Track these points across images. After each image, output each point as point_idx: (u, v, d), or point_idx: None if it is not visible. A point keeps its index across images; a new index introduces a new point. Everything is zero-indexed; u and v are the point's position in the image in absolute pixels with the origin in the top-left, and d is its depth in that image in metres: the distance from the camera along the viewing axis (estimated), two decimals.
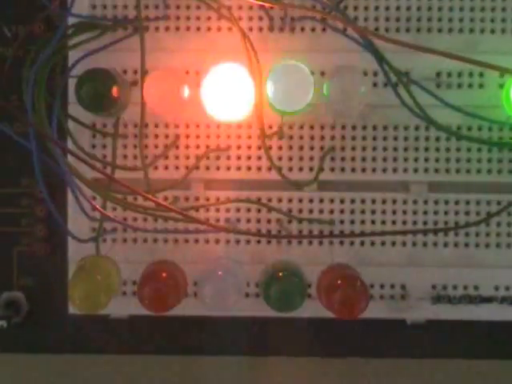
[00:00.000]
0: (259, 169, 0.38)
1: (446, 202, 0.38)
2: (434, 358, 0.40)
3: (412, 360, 0.40)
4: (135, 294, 0.37)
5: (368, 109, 0.37)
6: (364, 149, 0.38)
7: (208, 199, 0.38)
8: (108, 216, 0.37)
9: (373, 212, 0.38)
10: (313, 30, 0.38)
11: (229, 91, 0.35)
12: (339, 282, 0.34)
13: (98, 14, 0.38)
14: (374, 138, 0.38)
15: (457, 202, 0.38)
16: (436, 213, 0.38)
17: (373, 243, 0.38)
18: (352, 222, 0.38)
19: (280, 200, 0.38)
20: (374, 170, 0.38)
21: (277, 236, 0.38)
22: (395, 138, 0.38)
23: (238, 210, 0.38)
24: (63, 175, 0.35)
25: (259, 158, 0.38)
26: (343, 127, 0.38)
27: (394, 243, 0.38)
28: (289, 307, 0.35)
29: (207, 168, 0.38)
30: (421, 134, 0.38)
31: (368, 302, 0.34)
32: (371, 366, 0.40)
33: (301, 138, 0.38)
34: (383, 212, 0.38)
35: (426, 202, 0.38)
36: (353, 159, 0.38)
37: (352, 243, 0.38)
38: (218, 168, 0.38)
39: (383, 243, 0.38)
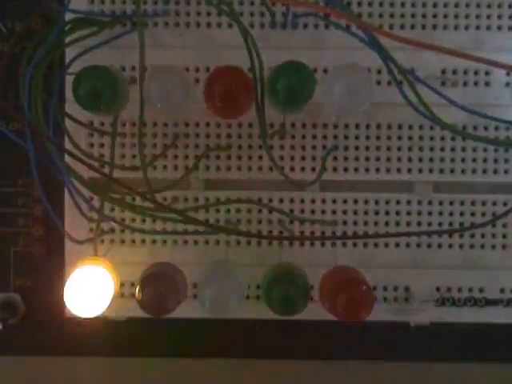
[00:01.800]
0: (260, 169, 0.38)
1: (451, 203, 0.38)
2: (437, 361, 0.39)
3: (416, 363, 0.40)
4: (133, 297, 0.37)
5: (371, 107, 0.36)
6: (367, 148, 0.38)
7: (208, 199, 0.38)
8: (106, 216, 0.36)
9: (376, 213, 0.38)
10: (315, 26, 0.37)
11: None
12: (344, 284, 0.34)
13: (96, 9, 0.37)
14: (378, 138, 0.38)
15: (462, 203, 0.38)
16: (441, 214, 0.38)
17: (376, 245, 0.38)
18: (355, 222, 0.38)
19: (282, 200, 0.38)
20: (377, 169, 0.38)
21: (278, 237, 0.38)
22: (399, 138, 0.38)
23: (239, 210, 0.38)
24: (60, 175, 0.35)
25: (260, 157, 0.38)
26: (346, 126, 0.38)
27: (397, 245, 0.38)
28: (291, 311, 0.34)
29: (207, 168, 0.38)
30: (425, 133, 0.37)
31: (373, 305, 0.34)
32: (374, 369, 0.40)
33: (303, 137, 0.37)
34: (387, 213, 0.38)
35: (430, 203, 0.38)
36: (356, 159, 0.38)
37: (355, 245, 0.38)
38: (218, 168, 0.38)
39: (387, 245, 0.38)
